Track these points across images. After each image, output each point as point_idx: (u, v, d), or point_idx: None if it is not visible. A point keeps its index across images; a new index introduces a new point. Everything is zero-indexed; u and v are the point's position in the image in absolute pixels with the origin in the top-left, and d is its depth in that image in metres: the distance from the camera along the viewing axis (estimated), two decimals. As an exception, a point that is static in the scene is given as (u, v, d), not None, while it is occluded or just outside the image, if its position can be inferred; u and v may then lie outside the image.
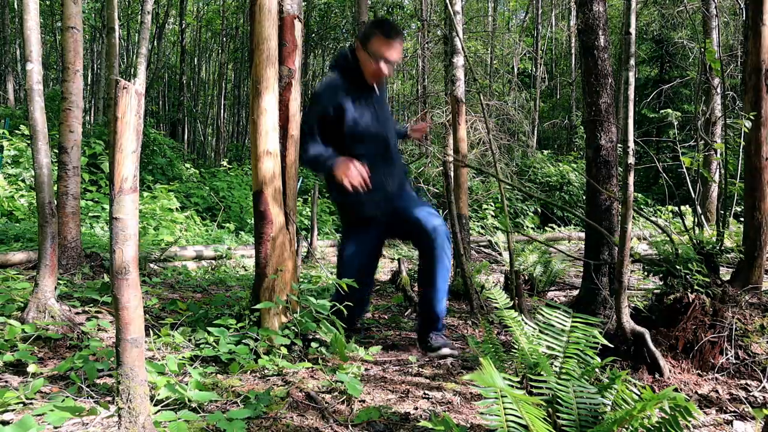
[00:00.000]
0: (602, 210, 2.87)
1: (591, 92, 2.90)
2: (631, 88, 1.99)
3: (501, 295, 1.83)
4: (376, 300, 3.64)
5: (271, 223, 2.26)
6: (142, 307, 1.37)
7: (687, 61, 14.19)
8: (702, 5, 9.79)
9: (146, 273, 4.17)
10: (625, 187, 1.96)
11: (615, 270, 2.51)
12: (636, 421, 1.16)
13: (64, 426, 1.48)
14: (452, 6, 4.31)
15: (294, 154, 2.39)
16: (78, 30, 3.52)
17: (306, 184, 11.62)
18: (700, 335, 2.06)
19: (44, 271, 2.37)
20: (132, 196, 1.31)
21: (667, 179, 2.99)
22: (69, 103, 3.50)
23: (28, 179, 7.26)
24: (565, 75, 20.90)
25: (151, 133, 10.72)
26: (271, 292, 2.25)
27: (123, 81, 1.28)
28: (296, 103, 2.39)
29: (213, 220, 8.48)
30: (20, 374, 1.85)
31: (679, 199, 3.39)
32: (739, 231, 2.54)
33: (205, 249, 5.13)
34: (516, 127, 13.95)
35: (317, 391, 1.81)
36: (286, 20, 2.33)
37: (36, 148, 2.40)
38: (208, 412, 1.61)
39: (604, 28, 2.89)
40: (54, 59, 20.25)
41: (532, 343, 1.61)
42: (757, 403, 1.83)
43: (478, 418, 1.67)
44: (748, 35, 2.38)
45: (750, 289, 2.27)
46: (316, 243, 5.92)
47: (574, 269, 5.11)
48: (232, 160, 16.29)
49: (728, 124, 2.79)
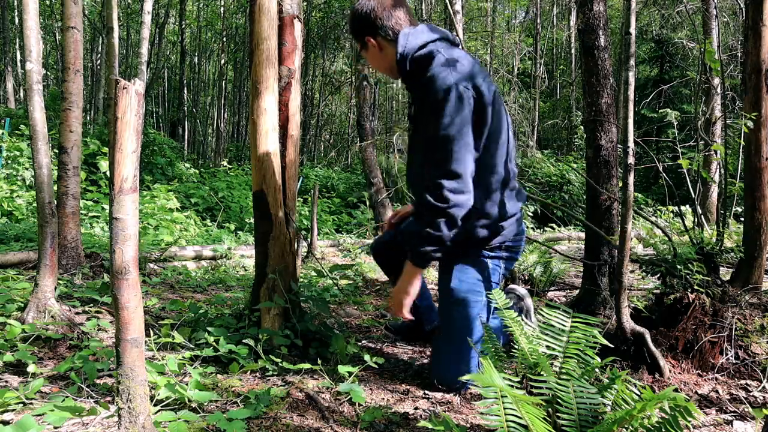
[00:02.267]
0: (602, 210, 2.88)
1: (591, 92, 2.90)
2: (631, 88, 1.99)
3: (501, 295, 1.83)
4: (376, 300, 3.64)
5: (271, 223, 2.26)
6: (142, 307, 1.37)
7: (687, 61, 14.20)
8: (702, 5, 9.80)
9: (146, 273, 4.17)
10: (625, 188, 1.96)
11: (615, 270, 2.51)
12: (636, 421, 1.16)
13: (64, 426, 1.48)
14: (452, 6, 4.31)
15: (294, 154, 2.39)
16: (78, 30, 3.52)
17: (306, 184, 11.62)
18: (700, 335, 2.06)
19: (44, 271, 2.37)
20: (132, 196, 1.31)
21: (667, 179, 2.99)
22: (69, 103, 3.50)
23: (28, 179, 7.26)
24: (565, 75, 20.91)
25: (150, 133, 10.73)
26: (271, 292, 2.25)
27: (123, 81, 1.28)
28: (296, 103, 2.39)
29: (213, 220, 8.48)
30: (20, 374, 1.85)
31: (679, 200, 3.39)
32: (739, 231, 2.54)
33: (205, 249, 5.13)
34: (516, 127, 13.95)
35: (317, 392, 1.81)
36: (286, 20, 2.33)
37: (36, 148, 2.40)
38: (208, 412, 1.61)
39: (605, 28, 2.89)
40: (54, 59, 20.25)
41: (532, 343, 1.61)
42: (757, 403, 1.83)
43: (478, 419, 1.67)
44: (747, 35, 2.38)
45: (750, 289, 2.27)
46: (316, 243, 5.92)
47: (574, 269, 5.11)
48: (232, 160, 16.31)
49: (728, 124, 2.80)
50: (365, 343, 2.50)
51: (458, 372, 1.72)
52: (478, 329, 1.87)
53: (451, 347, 1.90)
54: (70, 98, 3.51)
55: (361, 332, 2.73)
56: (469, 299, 1.88)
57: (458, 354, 1.87)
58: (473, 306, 1.88)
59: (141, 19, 6.80)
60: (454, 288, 1.90)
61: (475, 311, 1.88)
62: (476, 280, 1.92)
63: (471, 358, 1.87)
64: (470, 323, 1.88)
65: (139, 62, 6.43)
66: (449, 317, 1.92)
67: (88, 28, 17.47)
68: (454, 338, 1.89)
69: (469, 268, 1.92)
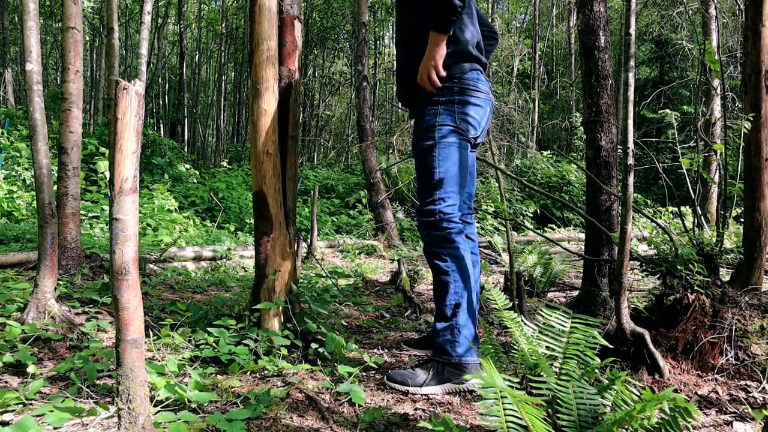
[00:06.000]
0: (602, 211, 2.88)
1: (591, 93, 2.90)
2: (630, 89, 1.99)
3: (500, 296, 1.83)
4: (376, 301, 3.64)
5: (270, 224, 2.26)
6: (141, 307, 1.37)
7: (687, 62, 14.21)
8: (702, 6, 9.81)
9: (146, 274, 4.16)
10: (625, 188, 1.96)
11: (615, 271, 2.51)
12: (636, 422, 1.16)
13: (63, 427, 1.47)
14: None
15: (293, 155, 2.39)
16: (78, 30, 3.52)
17: (306, 185, 11.63)
18: (699, 336, 2.06)
19: (44, 271, 2.37)
20: (132, 197, 1.31)
21: (666, 180, 2.99)
22: (69, 103, 3.50)
23: (28, 179, 7.26)
24: (565, 76, 20.93)
25: (150, 133, 10.73)
26: (271, 292, 2.25)
27: (123, 81, 1.28)
28: (296, 103, 2.39)
29: (213, 221, 8.48)
30: (20, 375, 1.85)
31: (678, 200, 3.39)
32: (739, 232, 2.54)
33: (205, 250, 5.13)
34: (516, 128, 13.97)
35: (317, 392, 1.81)
36: (286, 21, 2.34)
37: (36, 149, 2.40)
38: (208, 412, 1.61)
39: (605, 28, 2.89)
40: (54, 59, 20.26)
41: (531, 344, 1.61)
42: (757, 404, 1.83)
43: (478, 419, 1.67)
44: (747, 36, 2.39)
45: (750, 290, 2.27)
46: (316, 243, 5.92)
47: (573, 270, 5.11)
48: (231, 161, 16.32)
49: (728, 125, 2.80)
50: (365, 344, 2.49)
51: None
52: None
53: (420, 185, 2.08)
54: (70, 98, 3.51)
55: (361, 333, 2.73)
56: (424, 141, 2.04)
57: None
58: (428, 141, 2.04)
59: (141, 20, 6.80)
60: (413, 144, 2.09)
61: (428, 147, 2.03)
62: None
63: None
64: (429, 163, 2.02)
65: (139, 63, 6.43)
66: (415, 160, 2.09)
67: (87, 29, 17.48)
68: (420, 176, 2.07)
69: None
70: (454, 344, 1.95)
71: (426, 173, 2.01)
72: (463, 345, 1.95)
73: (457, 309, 1.97)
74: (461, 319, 1.96)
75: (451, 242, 1.98)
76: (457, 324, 1.96)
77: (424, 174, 2.02)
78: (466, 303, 1.98)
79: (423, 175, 2.02)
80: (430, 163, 1.99)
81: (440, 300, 2.00)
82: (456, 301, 1.97)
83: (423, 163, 2.02)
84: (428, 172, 2.00)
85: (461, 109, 2.00)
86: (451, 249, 1.98)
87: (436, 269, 2.01)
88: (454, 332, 1.96)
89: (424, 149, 2.01)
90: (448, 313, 1.97)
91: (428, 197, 2.00)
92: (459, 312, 1.97)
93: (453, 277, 1.97)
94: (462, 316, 1.97)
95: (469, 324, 1.98)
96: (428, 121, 2.02)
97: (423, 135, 2.02)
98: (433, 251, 2.00)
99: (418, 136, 2.04)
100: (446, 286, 1.98)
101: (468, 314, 1.98)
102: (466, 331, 1.96)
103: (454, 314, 1.97)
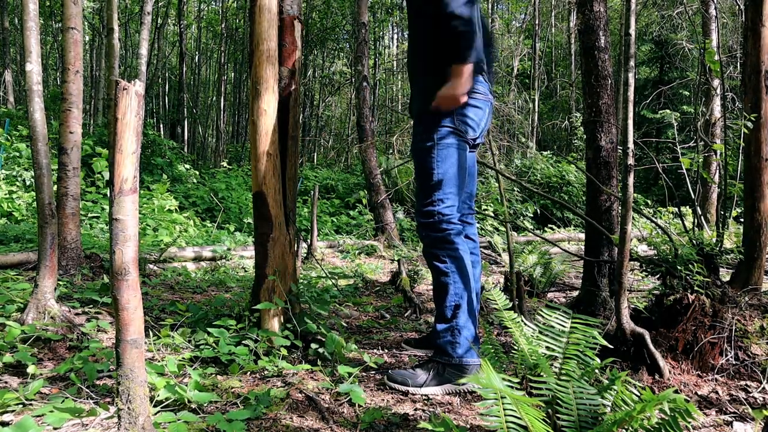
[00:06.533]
0: (602, 211, 2.88)
1: (591, 93, 2.90)
2: (630, 89, 1.99)
3: (500, 296, 1.83)
4: (376, 301, 3.64)
5: (270, 224, 2.26)
6: (141, 308, 1.37)
7: (687, 62, 14.21)
8: (702, 6, 9.81)
9: (146, 274, 4.16)
10: (625, 188, 1.96)
11: (615, 271, 2.51)
12: (636, 422, 1.16)
13: (63, 427, 1.47)
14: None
15: (293, 155, 2.39)
16: (78, 31, 3.52)
17: (306, 185, 11.62)
18: (699, 336, 2.06)
19: (44, 272, 2.37)
20: (132, 197, 1.31)
21: (666, 180, 2.99)
22: (69, 104, 3.50)
23: (28, 180, 7.26)
24: (565, 76, 20.92)
25: (150, 133, 10.73)
26: (271, 293, 2.25)
27: (123, 82, 1.28)
28: (296, 103, 2.39)
29: (212, 221, 8.48)
30: (20, 375, 1.85)
31: (678, 200, 3.40)
32: (739, 232, 2.54)
33: (205, 250, 5.13)
34: (516, 129, 13.97)
35: (317, 393, 1.81)
36: (286, 21, 2.34)
37: (36, 149, 2.40)
38: (208, 413, 1.61)
39: (605, 28, 2.90)
40: (54, 60, 20.26)
41: (531, 345, 1.61)
42: (757, 404, 1.83)
43: (478, 420, 1.67)
44: (747, 36, 2.39)
45: (750, 290, 2.27)
46: (316, 244, 5.92)
47: (573, 270, 5.11)
48: (231, 161, 16.31)
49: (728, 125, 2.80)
50: (365, 344, 2.49)
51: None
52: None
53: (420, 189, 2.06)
54: (70, 99, 3.51)
55: (361, 333, 2.73)
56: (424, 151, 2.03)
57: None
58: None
59: (141, 20, 6.80)
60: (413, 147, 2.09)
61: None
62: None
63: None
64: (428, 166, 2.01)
65: (139, 63, 6.42)
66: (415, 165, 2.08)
67: (87, 29, 17.48)
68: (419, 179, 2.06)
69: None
70: (454, 345, 1.95)
71: (425, 174, 2.00)
72: (463, 346, 1.95)
73: (457, 310, 1.97)
74: (461, 320, 1.96)
75: (450, 243, 1.98)
76: (457, 325, 1.96)
77: (422, 175, 2.01)
78: (466, 304, 1.98)
79: (422, 176, 2.02)
80: (428, 164, 1.99)
81: (440, 301, 2.00)
82: (456, 302, 1.97)
83: (422, 165, 2.02)
84: (427, 173, 2.00)
85: (460, 111, 2.00)
86: (450, 250, 1.98)
87: (435, 270, 2.01)
88: (455, 333, 1.96)
89: (422, 150, 2.01)
90: (448, 314, 1.98)
91: (427, 198, 2.00)
92: (459, 313, 1.97)
93: (452, 278, 1.97)
94: (462, 317, 1.97)
95: (469, 325, 1.98)
96: (426, 122, 2.02)
97: (422, 136, 2.02)
98: (433, 252, 2.00)
99: (417, 137, 2.04)
100: (446, 288, 1.98)
101: (468, 315, 1.98)
102: (466, 331, 1.96)
103: (454, 315, 1.97)
